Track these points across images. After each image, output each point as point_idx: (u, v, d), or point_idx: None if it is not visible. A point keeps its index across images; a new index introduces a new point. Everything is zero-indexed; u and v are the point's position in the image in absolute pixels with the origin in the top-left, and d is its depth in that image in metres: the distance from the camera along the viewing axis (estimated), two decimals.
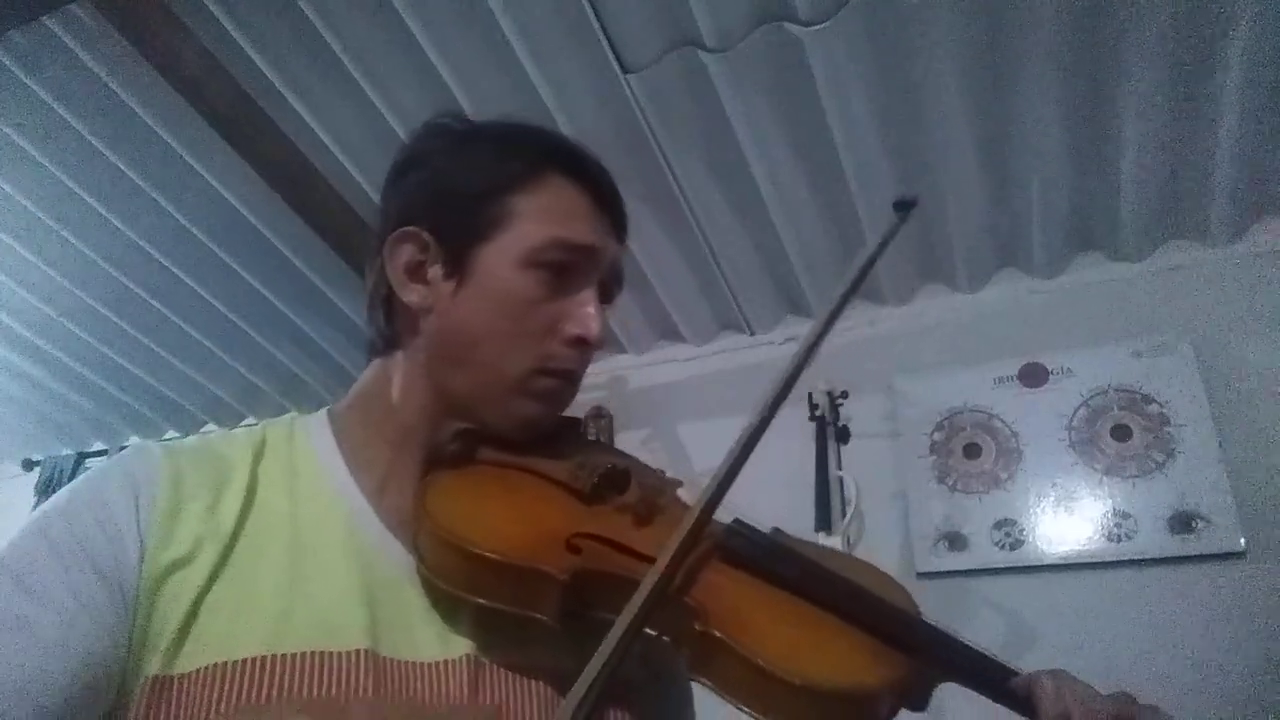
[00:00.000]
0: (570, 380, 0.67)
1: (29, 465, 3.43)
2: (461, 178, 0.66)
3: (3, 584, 0.51)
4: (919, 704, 0.55)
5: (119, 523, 0.54)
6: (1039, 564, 1.87)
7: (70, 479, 3.20)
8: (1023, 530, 1.91)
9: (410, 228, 0.66)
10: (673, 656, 0.67)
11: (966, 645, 0.56)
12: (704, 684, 0.53)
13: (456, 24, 1.65)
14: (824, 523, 2.05)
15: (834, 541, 2.02)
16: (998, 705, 0.53)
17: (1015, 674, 0.53)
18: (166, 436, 3.23)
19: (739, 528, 0.62)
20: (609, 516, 0.62)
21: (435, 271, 0.65)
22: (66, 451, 3.36)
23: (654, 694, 0.65)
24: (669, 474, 0.71)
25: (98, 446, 3.34)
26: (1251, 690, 1.63)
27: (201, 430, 3.17)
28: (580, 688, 0.47)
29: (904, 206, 0.69)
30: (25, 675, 0.48)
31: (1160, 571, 1.77)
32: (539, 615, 0.55)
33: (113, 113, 1.94)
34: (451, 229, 0.65)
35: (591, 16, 1.58)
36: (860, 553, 2.06)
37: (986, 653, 0.55)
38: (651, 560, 0.54)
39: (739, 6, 1.55)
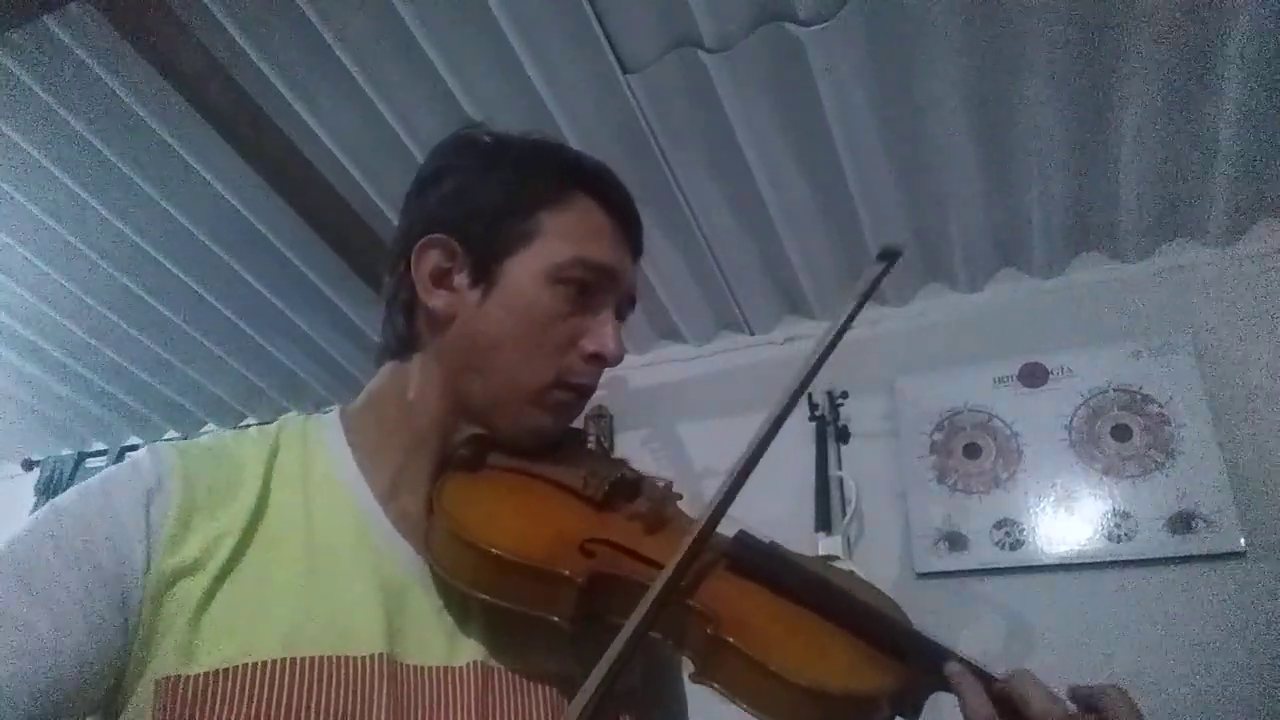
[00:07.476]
0: (583, 394, 0.69)
1: (29, 465, 3.42)
2: (491, 191, 0.68)
3: (6, 580, 0.51)
4: (913, 712, 0.57)
5: (128, 530, 0.54)
6: (1039, 564, 1.87)
7: (70, 479, 3.23)
8: (1023, 530, 1.91)
9: (438, 235, 0.67)
10: (668, 660, 0.68)
11: (958, 655, 0.57)
12: (712, 687, 0.54)
13: (456, 24, 1.65)
14: (824, 523, 2.05)
15: (834, 541, 2.02)
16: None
17: (998, 679, 0.55)
18: (166, 436, 3.23)
19: (745, 538, 0.64)
20: (620, 523, 0.64)
21: (461, 279, 0.67)
22: (66, 451, 3.37)
23: (653, 697, 0.67)
24: (671, 475, 0.72)
25: (98, 446, 3.34)
26: (1251, 690, 1.63)
27: (201, 430, 3.17)
28: (590, 685, 0.49)
29: (888, 256, 0.68)
30: (13, 674, 0.48)
31: (1160, 571, 1.77)
32: (554, 617, 0.56)
33: (113, 113, 1.94)
34: (479, 239, 0.66)
35: (591, 16, 1.58)
36: (860, 553, 2.06)
37: (975, 662, 0.56)
38: (661, 566, 0.55)
39: (739, 6, 1.55)
